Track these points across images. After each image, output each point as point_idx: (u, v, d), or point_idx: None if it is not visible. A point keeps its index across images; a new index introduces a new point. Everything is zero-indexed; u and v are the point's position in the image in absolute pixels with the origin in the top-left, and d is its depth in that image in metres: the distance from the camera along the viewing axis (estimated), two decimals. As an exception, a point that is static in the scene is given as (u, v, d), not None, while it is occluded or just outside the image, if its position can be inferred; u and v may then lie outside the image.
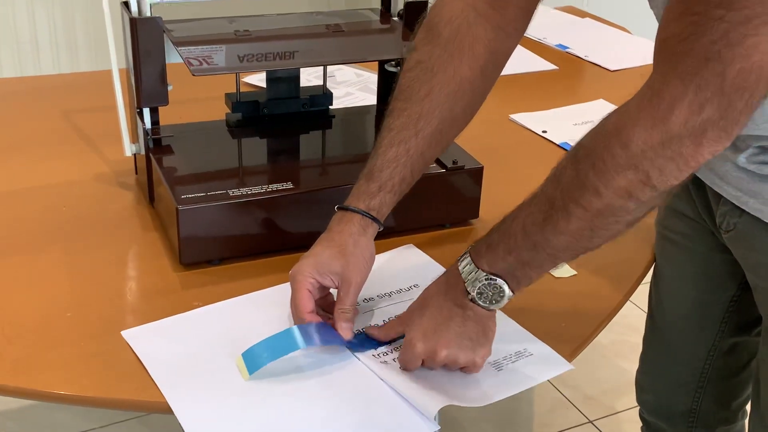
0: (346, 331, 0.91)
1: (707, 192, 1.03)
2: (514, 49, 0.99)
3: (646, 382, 1.28)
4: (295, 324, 0.93)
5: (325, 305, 0.96)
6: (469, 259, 0.86)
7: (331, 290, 0.96)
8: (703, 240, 1.10)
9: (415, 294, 0.94)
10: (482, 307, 0.86)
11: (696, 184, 1.06)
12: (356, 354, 0.93)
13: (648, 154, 0.72)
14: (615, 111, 0.76)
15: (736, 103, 0.69)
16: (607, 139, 0.75)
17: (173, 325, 0.96)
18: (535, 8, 0.96)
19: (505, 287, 0.84)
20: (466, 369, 0.89)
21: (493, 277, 0.84)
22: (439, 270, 1.08)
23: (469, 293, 0.85)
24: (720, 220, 1.00)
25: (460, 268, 0.86)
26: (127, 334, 0.93)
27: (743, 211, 0.95)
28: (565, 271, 1.10)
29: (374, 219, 0.96)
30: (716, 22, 0.67)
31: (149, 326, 0.95)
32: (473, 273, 0.85)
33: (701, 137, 0.71)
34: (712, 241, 1.08)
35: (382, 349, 0.93)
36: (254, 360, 0.88)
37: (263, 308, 0.98)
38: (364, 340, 0.94)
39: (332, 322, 0.93)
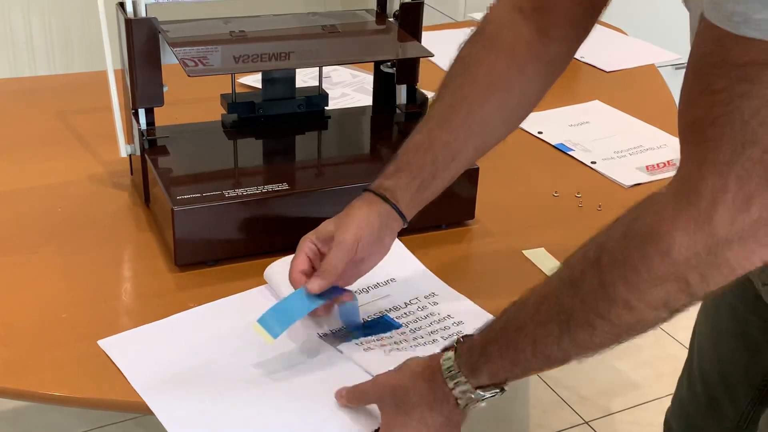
0: (312, 284, 0.89)
1: None
2: (566, 60, 0.95)
3: (675, 424, 1.24)
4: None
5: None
6: (459, 373, 0.78)
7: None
8: (742, 298, 1.04)
9: (393, 290, 0.95)
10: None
11: None
12: (339, 347, 0.93)
13: (692, 261, 0.63)
14: (645, 209, 0.67)
15: None
16: (642, 246, 0.66)
17: (151, 331, 0.95)
18: (584, 20, 0.92)
19: (501, 393, 0.78)
20: None
21: (490, 390, 0.78)
22: (415, 264, 1.08)
23: (459, 405, 0.79)
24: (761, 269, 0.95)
25: (450, 385, 0.78)
26: (104, 344, 0.93)
27: None
28: (560, 271, 1.10)
29: (384, 198, 0.93)
30: (744, 99, 0.59)
31: (126, 334, 0.95)
32: (468, 391, 0.78)
33: (752, 241, 0.62)
34: (751, 301, 1.01)
35: (367, 338, 0.94)
36: (274, 323, 0.88)
37: (241, 312, 0.98)
38: (347, 332, 0.95)
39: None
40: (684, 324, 1.10)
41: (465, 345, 0.79)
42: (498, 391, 0.78)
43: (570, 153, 1.42)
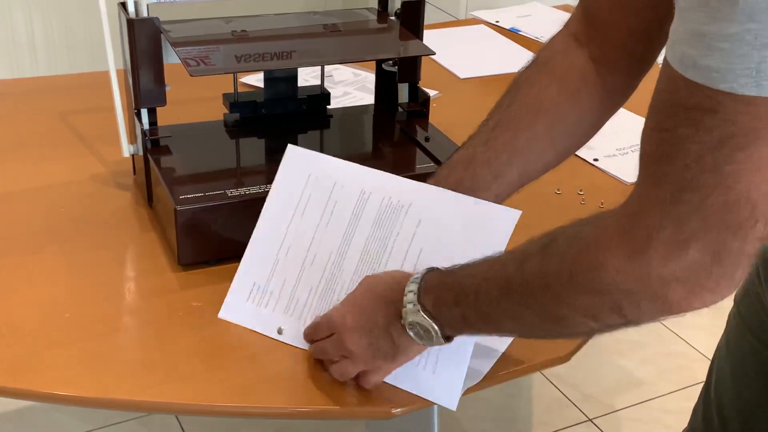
0: None
1: None
2: (624, 91, 0.94)
3: None
4: None
5: None
6: (416, 286, 0.81)
7: None
8: (764, 341, 1.00)
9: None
10: (410, 336, 0.81)
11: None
12: None
13: (621, 285, 0.64)
14: (595, 218, 0.69)
15: (730, 243, 0.59)
16: (580, 251, 0.67)
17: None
18: (642, 51, 0.90)
19: (437, 334, 0.80)
20: (358, 378, 0.87)
21: (429, 318, 0.79)
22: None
23: (402, 320, 0.81)
24: None
25: (405, 290, 0.81)
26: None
27: None
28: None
29: None
30: (686, 143, 0.58)
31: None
32: (414, 305, 0.80)
33: (693, 283, 0.61)
34: None
35: None
36: None
37: None
38: None
39: None
40: (687, 322, 1.10)
41: (432, 270, 0.82)
42: (431, 326, 0.79)
43: (572, 150, 1.41)
